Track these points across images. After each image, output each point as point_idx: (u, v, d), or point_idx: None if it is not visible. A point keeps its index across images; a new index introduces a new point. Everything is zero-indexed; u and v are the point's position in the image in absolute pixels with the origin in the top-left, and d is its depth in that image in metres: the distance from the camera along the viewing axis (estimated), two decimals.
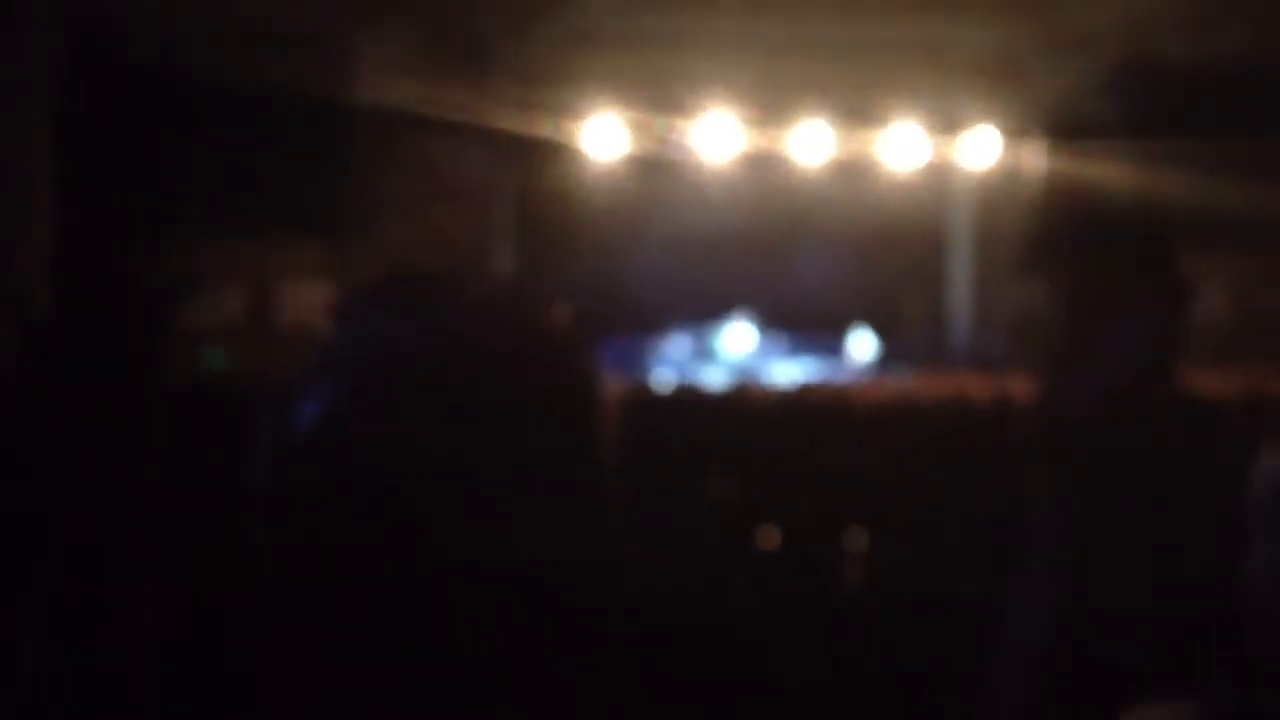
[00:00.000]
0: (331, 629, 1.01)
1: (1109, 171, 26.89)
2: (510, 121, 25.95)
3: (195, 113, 21.69)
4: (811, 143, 27.55)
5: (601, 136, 26.36)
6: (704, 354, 29.12)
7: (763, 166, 28.52)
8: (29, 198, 20.40)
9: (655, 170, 28.55)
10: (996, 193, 28.45)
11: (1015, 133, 27.54)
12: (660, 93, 26.97)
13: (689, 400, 14.94)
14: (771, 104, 27.30)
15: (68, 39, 20.55)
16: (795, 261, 31.54)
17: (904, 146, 27.95)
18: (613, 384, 21.34)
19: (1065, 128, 27.16)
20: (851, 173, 28.71)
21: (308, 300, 25.03)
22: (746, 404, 14.07)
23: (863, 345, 27.92)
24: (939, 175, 29.03)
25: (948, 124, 28.30)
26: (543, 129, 25.76)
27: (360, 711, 1.03)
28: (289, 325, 24.27)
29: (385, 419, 1.03)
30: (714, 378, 21.99)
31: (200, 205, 22.27)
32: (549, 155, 26.62)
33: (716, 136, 26.87)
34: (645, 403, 13.46)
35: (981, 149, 27.95)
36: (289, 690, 1.02)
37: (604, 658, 1.09)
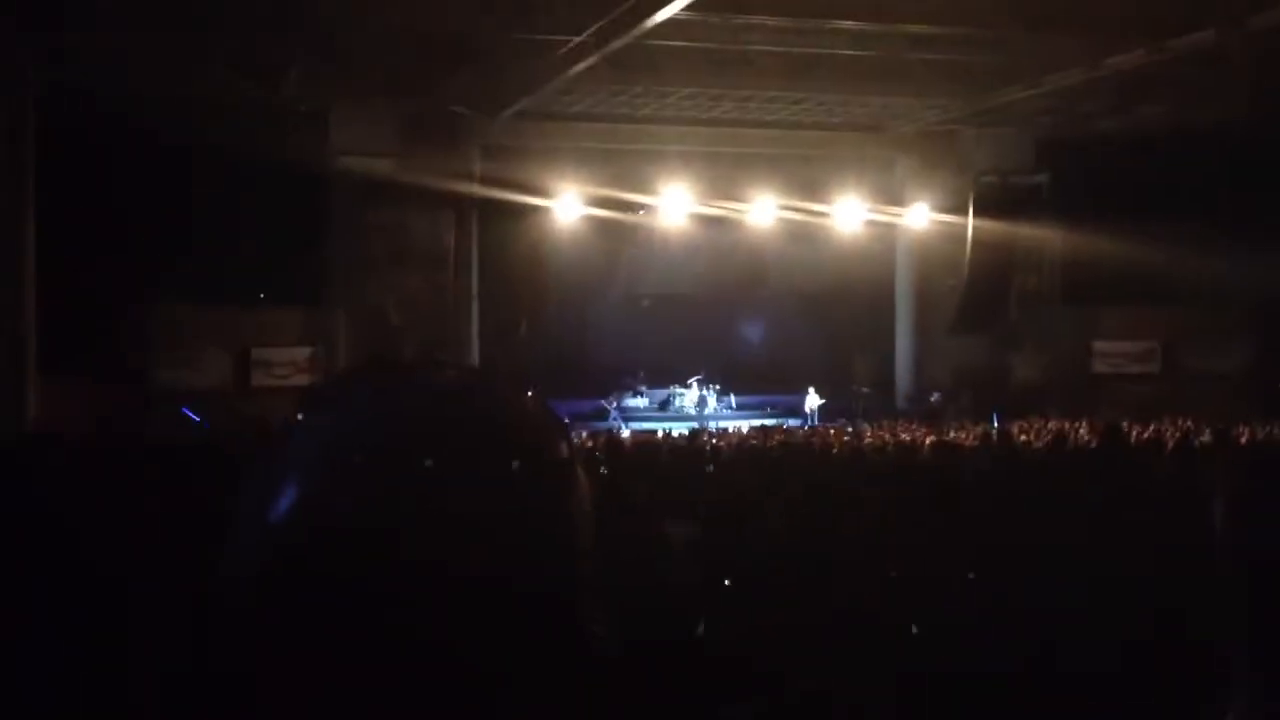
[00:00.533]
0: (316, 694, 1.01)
1: (1037, 238, 27.56)
2: (479, 191, 26.37)
3: (177, 182, 21.91)
4: (762, 212, 28.06)
5: (565, 205, 26.76)
6: (663, 410, 29.41)
7: (717, 234, 28.96)
8: (16, 264, 20.44)
9: (616, 237, 28.96)
10: (935, 258, 28.94)
11: (951, 202, 28.11)
12: (621, 165, 27.43)
13: (650, 449, 15.22)
14: (724, 176, 27.81)
15: (58, 113, 20.73)
16: (749, 322, 31.97)
17: (849, 215, 28.52)
18: (579, 438, 21.57)
19: (996, 197, 27.79)
20: (800, 240, 29.21)
21: (286, 363, 25.13)
22: (704, 452, 14.37)
23: (813, 401, 28.23)
24: (883, 242, 29.54)
25: (889, 194, 28.91)
26: (510, 198, 26.16)
27: None
28: (268, 388, 24.30)
29: (358, 508, 1.01)
30: (673, 432, 22.26)
31: (183, 272, 22.48)
32: (515, 222, 26.97)
33: (673, 205, 27.32)
34: (610, 452, 13.74)
35: (920, 217, 28.53)
36: None
37: None
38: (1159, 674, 4.58)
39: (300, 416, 1.10)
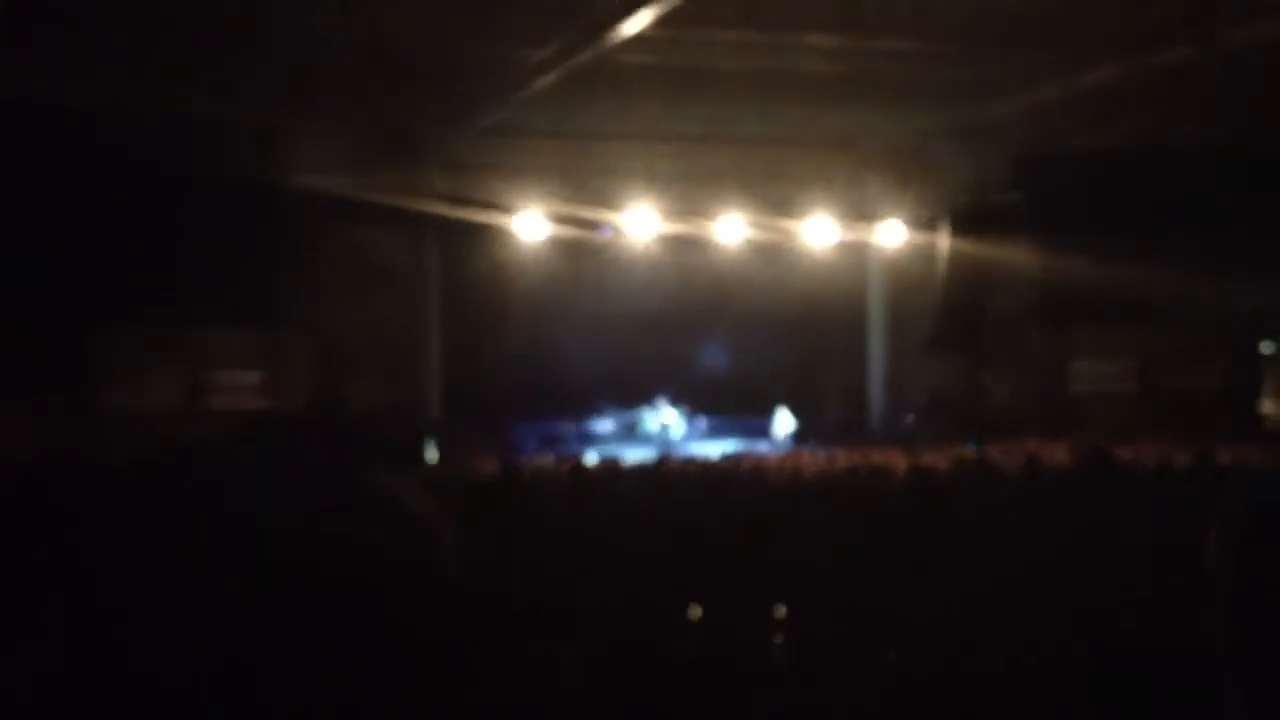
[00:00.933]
0: None
1: (1012, 257, 27.28)
2: (439, 209, 25.87)
3: (124, 200, 21.34)
4: (730, 230, 27.69)
5: (528, 224, 26.29)
6: (629, 434, 29.00)
7: (684, 253, 28.59)
8: None
9: (580, 256, 28.54)
10: (908, 277, 28.70)
11: (924, 219, 27.84)
12: (585, 183, 27.03)
13: (616, 474, 14.74)
14: (691, 193, 27.42)
15: (2, 129, 20.19)
16: (716, 343, 31.57)
17: (819, 233, 28.16)
18: (547, 462, 21.08)
19: (971, 215, 27.51)
20: (770, 258, 28.85)
21: (238, 386, 24.61)
22: (670, 476, 13.90)
23: (783, 423, 27.91)
24: (854, 260, 29.25)
25: (860, 211, 28.58)
26: (471, 216, 25.68)
27: None
28: (220, 411, 23.80)
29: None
30: (639, 456, 21.79)
31: (131, 293, 21.87)
32: (477, 241, 26.51)
33: (639, 224, 26.91)
34: (576, 478, 13.23)
35: (893, 235, 28.21)
36: None
37: None
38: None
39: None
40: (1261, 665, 1.33)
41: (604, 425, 29.35)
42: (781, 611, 6.85)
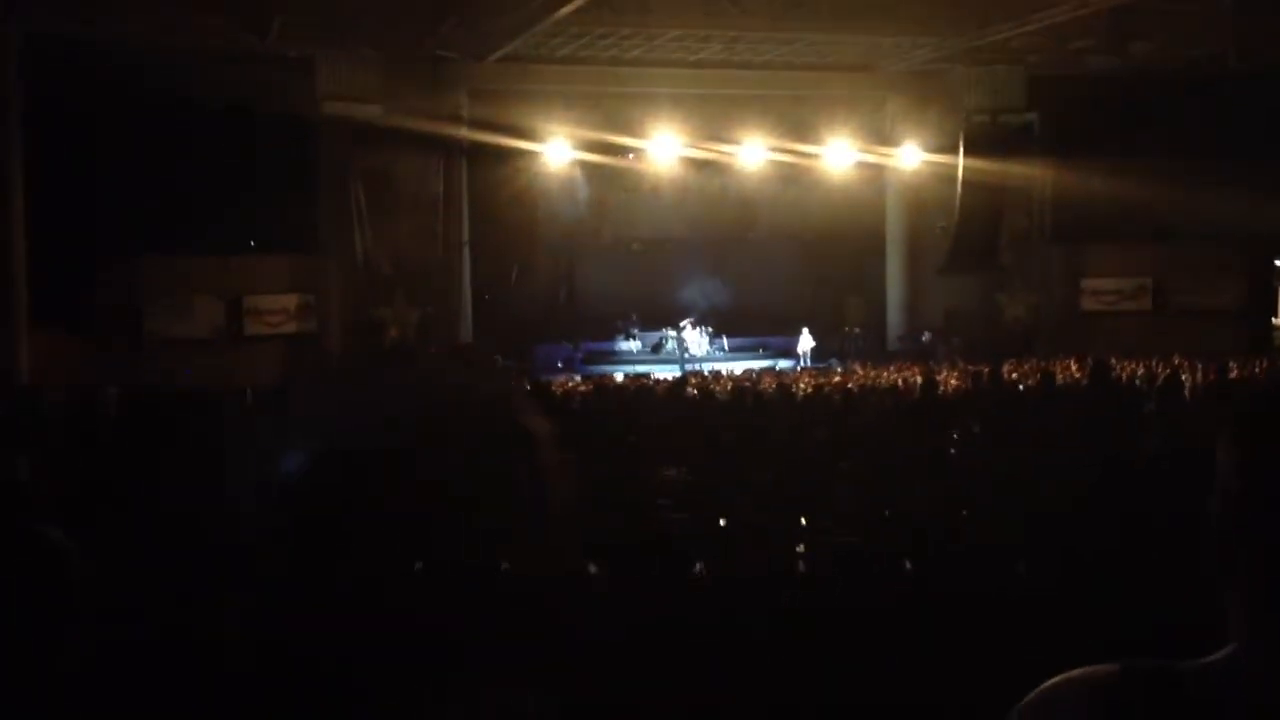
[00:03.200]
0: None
1: (1027, 177, 27.16)
2: (468, 135, 25.88)
3: (169, 131, 21.44)
4: (752, 154, 27.64)
5: (554, 149, 26.29)
6: (655, 353, 29.18)
7: (707, 176, 28.55)
8: (5, 217, 20.11)
9: (606, 180, 28.54)
10: (925, 198, 28.61)
11: (941, 142, 27.69)
12: (610, 108, 26.96)
13: (642, 392, 14.95)
14: (713, 118, 27.33)
15: (43, 63, 20.28)
16: (739, 264, 31.62)
17: (839, 156, 28.07)
18: (572, 381, 21.28)
19: (986, 137, 27.37)
20: (791, 181, 28.80)
21: (277, 310, 24.84)
22: (695, 394, 14.08)
23: (804, 342, 28.03)
24: (873, 182, 29.16)
25: (879, 134, 28.44)
26: (499, 142, 25.69)
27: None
28: (260, 336, 24.06)
29: (357, 474, 1.15)
30: (666, 375, 21.96)
31: (172, 221, 22.04)
32: (505, 167, 26.53)
33: (663, 148, 26.88)
34: (603, 396, 13.45)
35: (910, 157, 28.09)
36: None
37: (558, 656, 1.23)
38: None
39: (309, 386, 1.26)
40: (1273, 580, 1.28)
41: (630, 345, 29.56)
42: (800, 520, 7.03)
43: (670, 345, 29.23)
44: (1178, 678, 1.29)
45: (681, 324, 29.11)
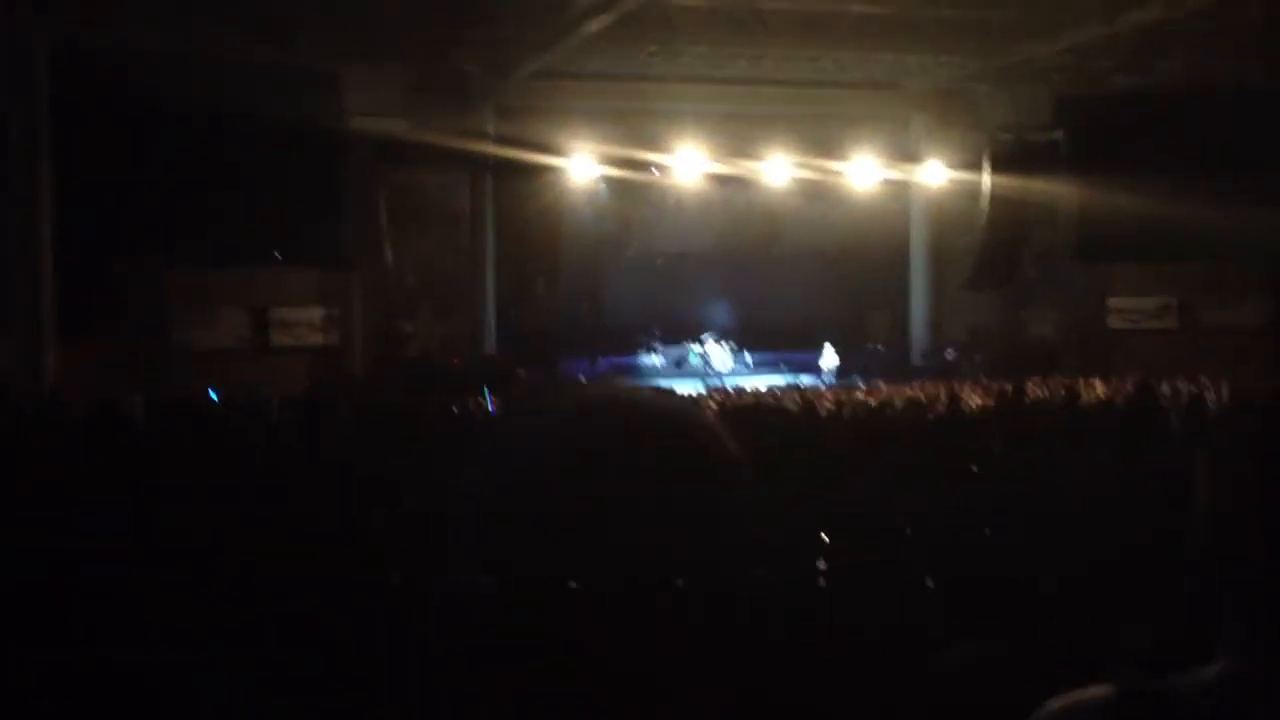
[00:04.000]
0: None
1: (1052, 195, 27.06)
2: (493, 150, 25.96)
3: (191, 143, 21.54)
4: (777, 170, 27.64)
5: (579, 165, 26.36)
6: (678, 368, 29.17)
7: (732, 192, 28.58)
8: (33, 227, 20.22)
9: (630, 196, 28.59)
10: (950, 216, 28.56)
11: (966, 159, 27.65)
12: (635, 125, 27.03)
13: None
14: (738, 135, 27.35)
15: (71, 74, 20.40)
16: (763, 280, 31.64)
17: (864, 173, 28.06)
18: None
19: (1012, 154, 27.31)
20: (816, 198, 28.80)
21: (303, 323, 24.94)
22: (722, 409, 14.05)
23: (828, 358, 27.98)
24: (898, 199, 29.14)
25: (904, 151, 28.42)
26: (524, 158, 25.75)
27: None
28: (286, 347, 24.18)
29: (572, 501, 1.11)
30: (686, 389, 21.94)
31: (199, 233, 22.14)
32: (530, 182, 26.61)
33: (688, 164, 26.91)
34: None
35: (935, 174, 28.06)
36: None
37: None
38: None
39: (508, 417, 1.23)
40: (1264, 597, 1.29)
41: (653, 360, 29.55)
42: (823, 537, 6.99)
43: (694, 360, 29.21)
44: (1174, 697, 1.28)
45: (704, 339, 29.09)
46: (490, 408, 17.07)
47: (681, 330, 29.47)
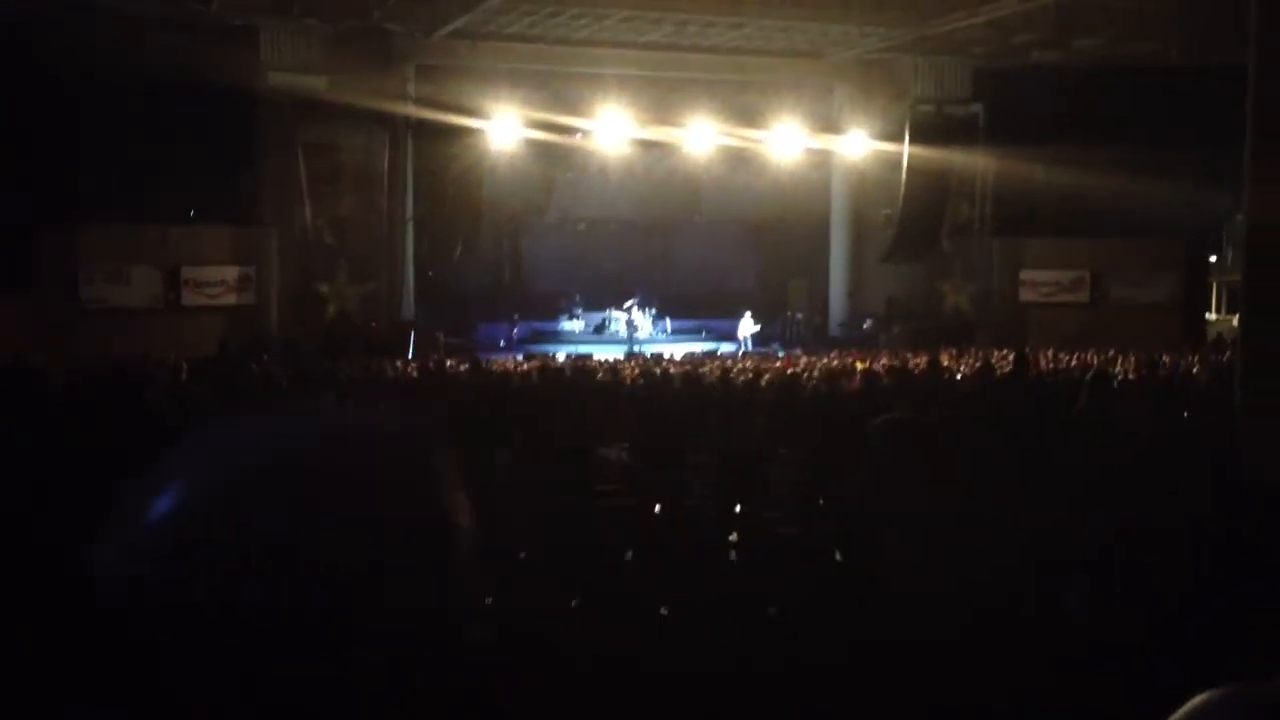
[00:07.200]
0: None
1: (971, 168, 27.40)
2: (413, 110, 25.73)
3: (111, 99, 21.17)
4: (700, 137, 27.63)
5: (501, 127, 26.16)
6: (598, 333, 29.23)
7: (654, 159, 28.55)
8: None
9: (552, 160, 28.46)
10: (870, 186, 28.76)
11: (888, 130, 27.84)
12: (557, 88, 26.89)
13: (582, 372, 14.98)
14: (661, 100, 27.32)
15: None
16: (686, 248, 31.76)
17: (786, 142, 28.14)
18: (516, 361, 21.27)
19: (931, 127, 27.57)
20: (738, 166, 28.84)
21: (217, 282, 24.61)
22: (635, 376, 14.14)
23: (747, 326, 28.15)
24: (819, 169, 29.27)
25: (826, 121, 28.54)
26: (445, 119, 25.53)
27: None
28: (200, 307, 23.86)
29: (241, 522, 1.01)
30: (608, 356, 22.00)
31: (113, 189, 21.78)
32: (451, 144, 26.37)
33: (610, 129, 26.84)
34: (547, 377, 13.47)
35: (856, 145, 28.21)
36: None
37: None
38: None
39: (195, 432, 1.11)
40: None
41: (573, 325, 29.59)
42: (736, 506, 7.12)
43: (613, 326, 29.28)
44: None
45: (626, 305, 29.16)
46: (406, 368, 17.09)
47: (602, 296, 29.52)
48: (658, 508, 6.93)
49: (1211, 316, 32.41)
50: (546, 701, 3.62)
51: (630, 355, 23.12)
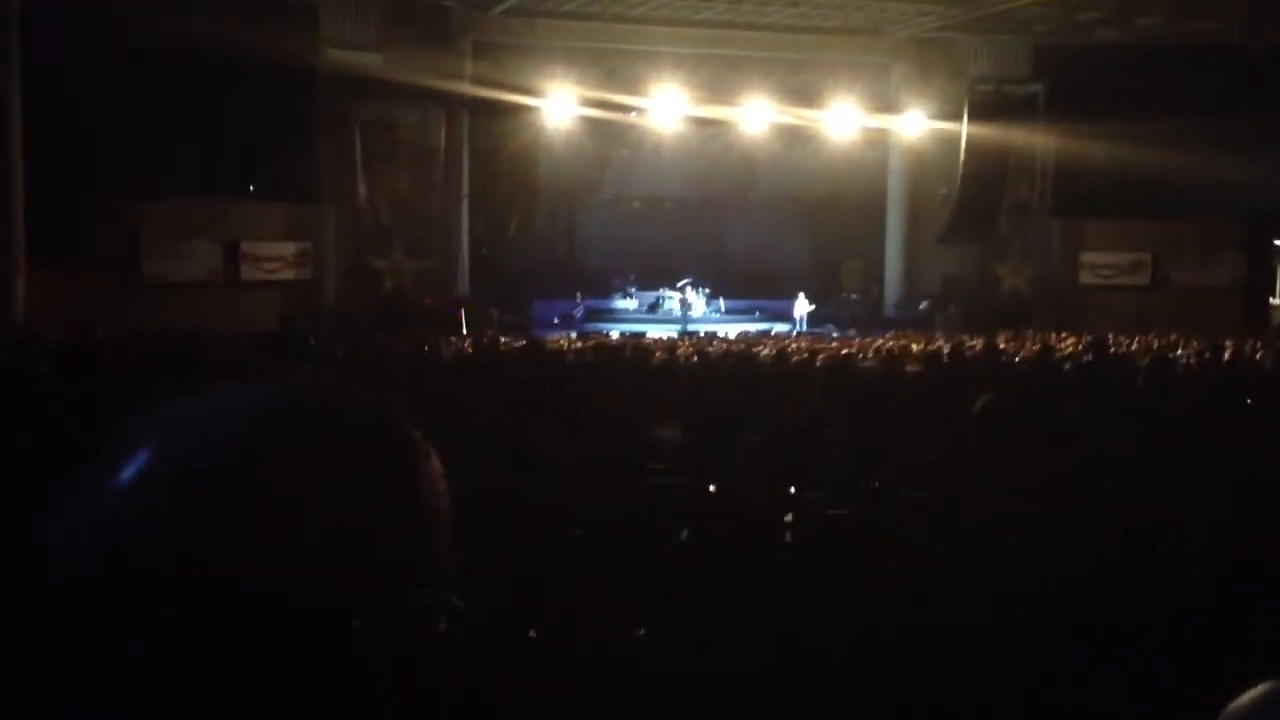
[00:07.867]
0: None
1: (1030, 148, 27.06)
2: (469, 89, 25.77)
3: (166, 75, 21.32)
4: (755, 115, 27.50)
5: (557, 104, 26.17)
6: (651, 312, 29.21)
7: (709, 137, 28.45)
8: (3, 157, 19.99)
9: (608, 138, 28.45)
10: (927, 166, 28.52)
11: (945, 110, 27.59)
12: (612, 66, 26.83)
13: (636, 351, 14.97)
14: (717, 79, 27.19)
15: (47, 7, 20.14)
16: (739, 227, 31.63)
17: (842, 121, 27.95)
18: (568, 339, 21.32)
19: (990, 106, 27.27)
20: (794, 144, 28.68)
21: (275, 257, 24.82)
22: (688, 356, 14.10)
23: (801, 306, 28.01)
24: (876, 148, 29.05)
25: (883, 100, 28.32)
26: (501, 96, 25.57)
27: None
28: (258, 281, 24.09)
29: (196, 506, 0.95)
30: (662, 335, 21.99)
31: (172, 164, 21.96)
32: (507, 121, 26.41)
33: (666, 108, 26.76)
34: (601, 355, 13.48)
35: (913, 124, 27.98)
36: None
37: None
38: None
39: (149, 409, 1.05)
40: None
41: (627, 304, 29.60)
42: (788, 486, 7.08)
43: (667, 305, 29.25)
44: None
45: (679, 284, 29.11)
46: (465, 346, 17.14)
47: (656, 274, 29.50)
48: (711, 487, 6.91)
49: (1276, 301, 31.90)
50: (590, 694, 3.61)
51: (684, 334, 23.09)
